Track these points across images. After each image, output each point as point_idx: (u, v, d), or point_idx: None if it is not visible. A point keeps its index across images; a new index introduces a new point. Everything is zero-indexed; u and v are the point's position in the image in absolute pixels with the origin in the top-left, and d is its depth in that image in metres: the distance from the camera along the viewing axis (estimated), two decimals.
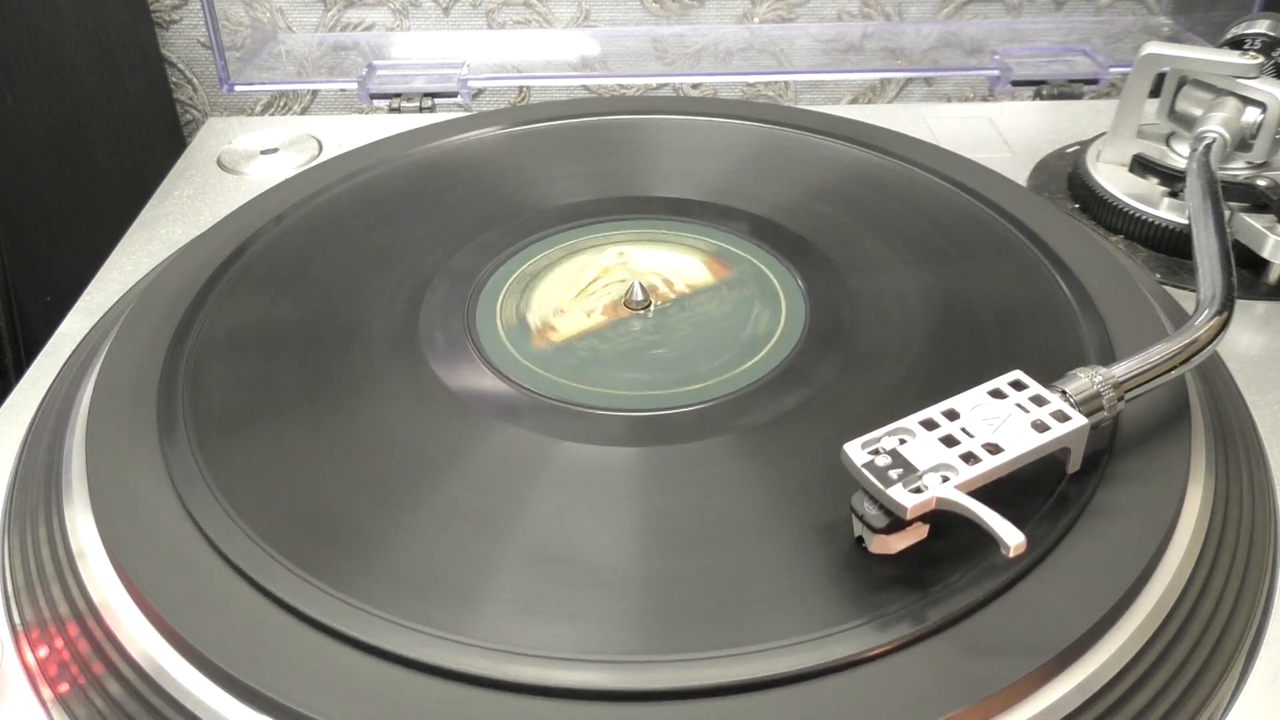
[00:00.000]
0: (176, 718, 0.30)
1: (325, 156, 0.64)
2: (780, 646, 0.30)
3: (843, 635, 0.30)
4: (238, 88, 0.76)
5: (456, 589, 0.32)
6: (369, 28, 0.85)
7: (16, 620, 0.35)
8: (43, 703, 0.33)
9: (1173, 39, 0.78)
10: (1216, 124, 0.51)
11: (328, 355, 0.42)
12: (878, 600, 0.31)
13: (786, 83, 0.88)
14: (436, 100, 0.72)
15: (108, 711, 0.31)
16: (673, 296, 0.46)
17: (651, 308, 0.45)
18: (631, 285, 0.46)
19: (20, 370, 0.50)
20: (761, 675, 0.29)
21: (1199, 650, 0.32)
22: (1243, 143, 0.52)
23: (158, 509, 0.35)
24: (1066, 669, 0.30)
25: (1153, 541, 0.33)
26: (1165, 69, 0.55)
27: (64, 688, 0.33)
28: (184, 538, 0.34)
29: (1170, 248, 0.53)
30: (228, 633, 0.31)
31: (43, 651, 0.34)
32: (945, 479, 0.31)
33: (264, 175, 0.62)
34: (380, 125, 0.66)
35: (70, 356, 0.47)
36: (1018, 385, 0.35)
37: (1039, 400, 0.34)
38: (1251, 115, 0.52)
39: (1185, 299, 0.48)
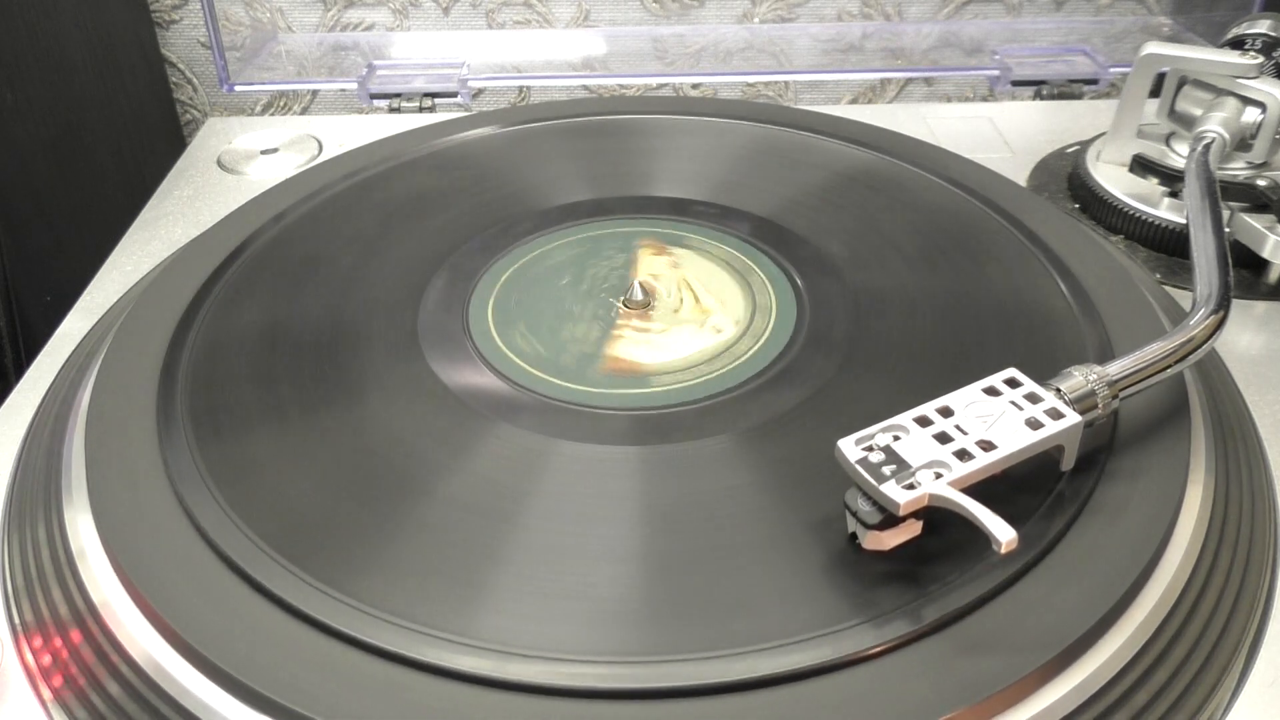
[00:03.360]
0: (176, 718, 0.30)
1: (325, 156, 0.64)
2: (780, 645, 0.30)
3: (842, 634, 0.30)
4: (238, 88, 0.76)
5: (456, 588, 0.32)
6: (369, 28, 0.85)
7: (16, 620, 0.35)
8: (43, 703, 0.33)
9: (1173, 39, 0.78)
10: (1216, 124, 0.51)
11: (327, 355, 0.42)
12: (877, 599, 0.31)
13: (786, 83, 0.88)
14: (436, 100, 0.72)
15: (108, 711, 0.31)
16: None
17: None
18: (631, 285, 0.46)
19: (20, 370, 0.50)
20: (761, 674, 0.29)
21: (1199, 650, 0.32)
22: (1242, 143, 0.52)
23: (158, 509, 0.35)
24: (1066, 669, 0.30)
25: (1153, 541, 0.33)
26: (1165, 69, 0.55)
27: (64, 688, 0.33)
28: (184, 538, 0.34)
29: (1170, 248, 0.53)
30: (228, 633, 0.31)
31: (43, 652, 0.34)
32: (938, 475, 0.31)
33: (264, 175, 0.62)
34: (380, 125, 0.66)
35: (70, 356, 0.47)
36: (1012, 383, 0.35)
37: (1033, 398, 0.34)
38: (1251, 115, 0.52)
39: (1185, 299, 0.48)
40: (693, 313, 0.45)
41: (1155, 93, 0.56)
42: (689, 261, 0.48)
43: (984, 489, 0.31)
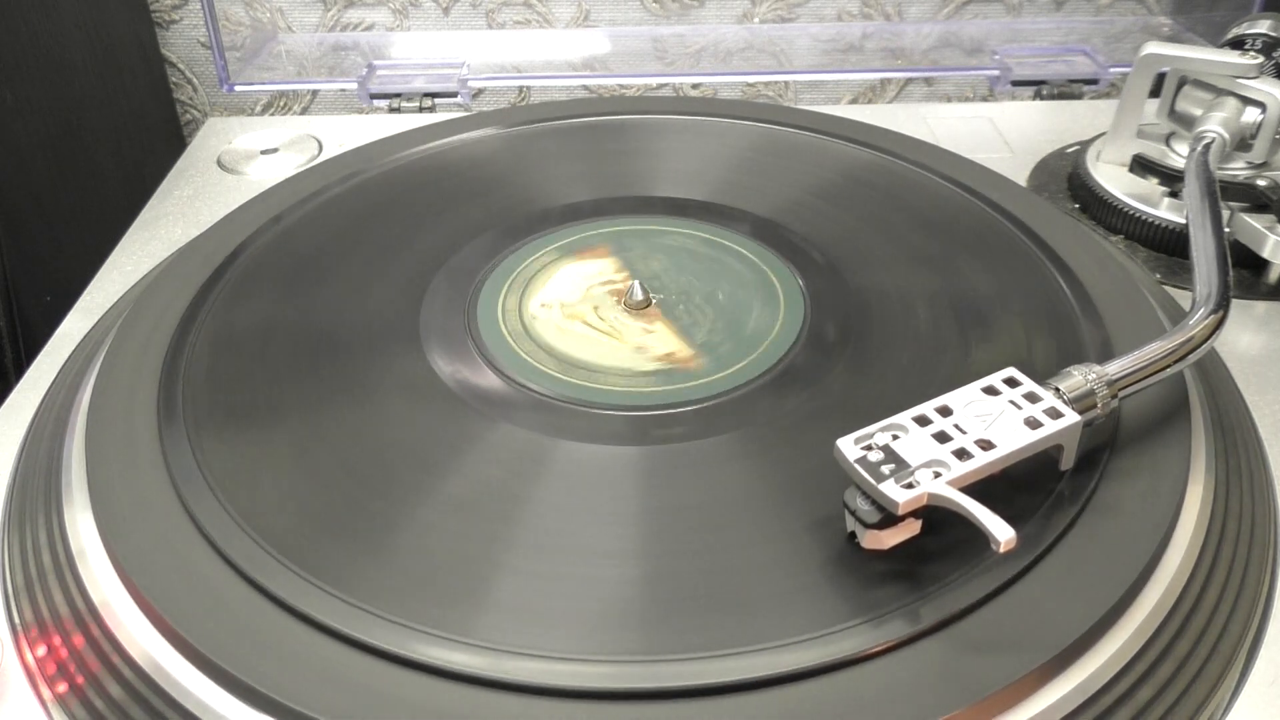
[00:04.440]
0: (176, 718, 0.30)
1: (325, 156, 0.64)
2: (780, 645, 0.30)
3: (842, 634, 0.30)
4: (238, 88, 0.76)
5: (456, 588, 0.32)
6: (369, 28, 0.85)
7: (16, 620, 0.35)
8: (43, 703, 0.33)
9: (1173, 39, 0.78)
10: (1216, 124, 0.51)
11: (328, 355, 0.42)
12: (878, 599, 0.31)
13: (786, 83, 0.88)
14: (436, 100, 0.72)
15: (108, 711, 0.31)
16: (672, 296, 0.46)
17: (651, 307, 0.45)
18: (631, 285, 0.46)
19: (20, 370, 0.50)
20: (761, 674, 0.29)
21: (1199, 650, 0.32)
22: (1242, 143, 0.52)
23: (158, 509, 0.35)
24: (1066, 669, 0.30)
25: (1153, 541, 0.33)
26: (1165, 69, 0.55)
27: (64, 688, 0.33)
28: (184, 538, 0.34)
29: (1170, 248, 0.53)
30: (228, 633, 0.31)
31: (42, 651, 0.34)
32: (937, 475, 0.31)
33: (264, 175, 0.62)
34: (380, 125, 0.66)
35: (70, 356, 0.47)
36: (1011, 382, 0.35)
37: (1032, 397, 0.34)
38: (1251, 115, 0.52)
39: (1185, 299, 0.48)
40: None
41: (1155, 93, 0.56)
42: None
43: (984, 488, 0.32)
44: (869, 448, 0.32)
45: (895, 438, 0.33)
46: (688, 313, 0.45)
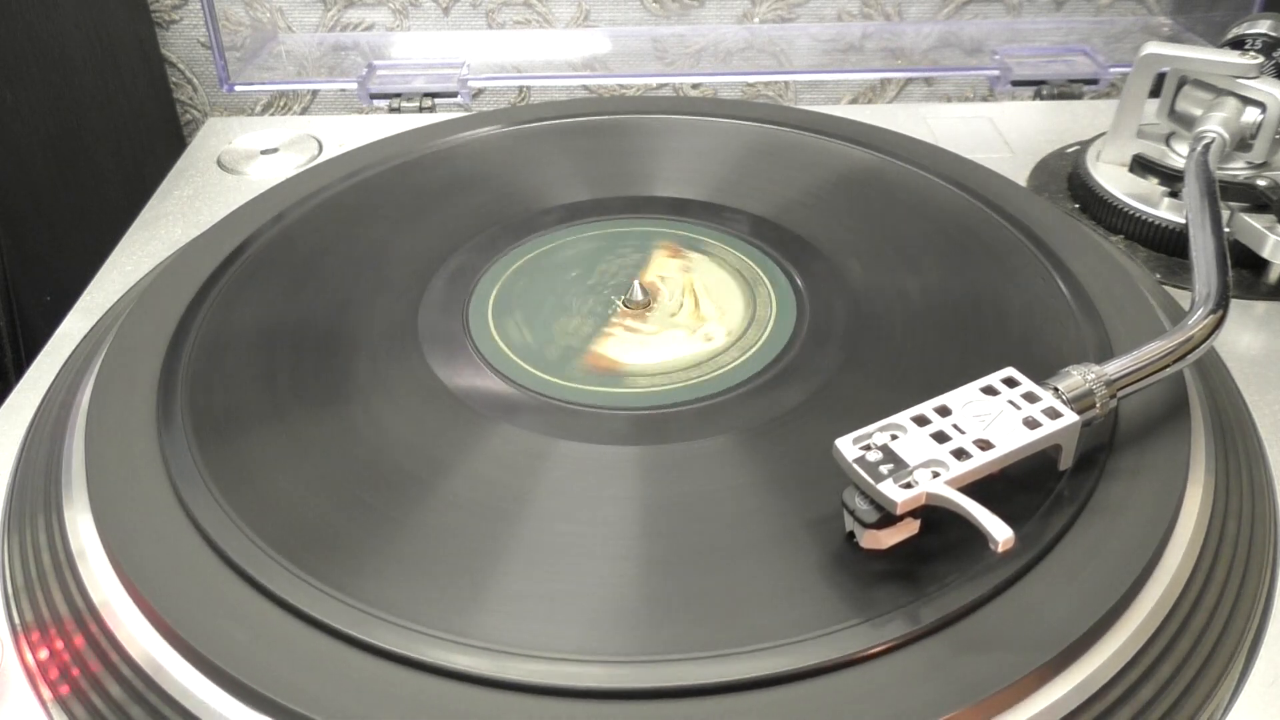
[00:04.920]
0: (176, 718, 0.30)
1: (325, 156, 0.64)
2: (780, 645, 0.30)
3: (841, 634, 0.30)
4: (238, 88, 0.76)
5: (456, 588, 0.32)
6: (369, 28, 0.85)
7: (16, 620, 0.35)
8: (43, 703, 0.33)
9: (1173, 39, 0.78)
10: (1216, 124, 0.51)
11: (327, 355, 0.42)
12: (877, 599, 0.31)
13: (786, 83, 0.88)
14: (436, 100, 0.72)
15: (108, 711, 0.31)
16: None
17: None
18: (631, 285, 0.46)
19: (20, 370, 0.50)
20: (761, 674, 0.29)
21: (1199, 650, 0.32)
22: (1242, 143, 0.52)
23: (158, 509, 0.35)
24: (1066, 669, 0.30)
25: (1153, 541, 0.33)
26: (1165, 69, 0.55)
27: (64, 688, 0.33)
28: (184, 538, 0.34)
29: (1170, 248, 0.53)
30: (228, 633, 0.31)
31: (42, 652, 0.34)
32: (936, 474, 0.31)
33: (264, 175, 0.62)
34: (380, 125, 0.66)
35: (70, 356, 0.47)
36: (1010, 382, 0.35)
37: (1031, 397, 0.34)
38: (1251, 115, 0.52)
39: (1185, 299, 0.48)
40: (689, 318, 0.45)
41: (1155, 93, 0.56)
42: (701, 267, 0.48)
43: (983, 488, 0.32)
44: (867, 447, 0.32)
45: (894, 437, 0.33)
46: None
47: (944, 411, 0.34)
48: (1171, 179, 0.54)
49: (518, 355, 0.42)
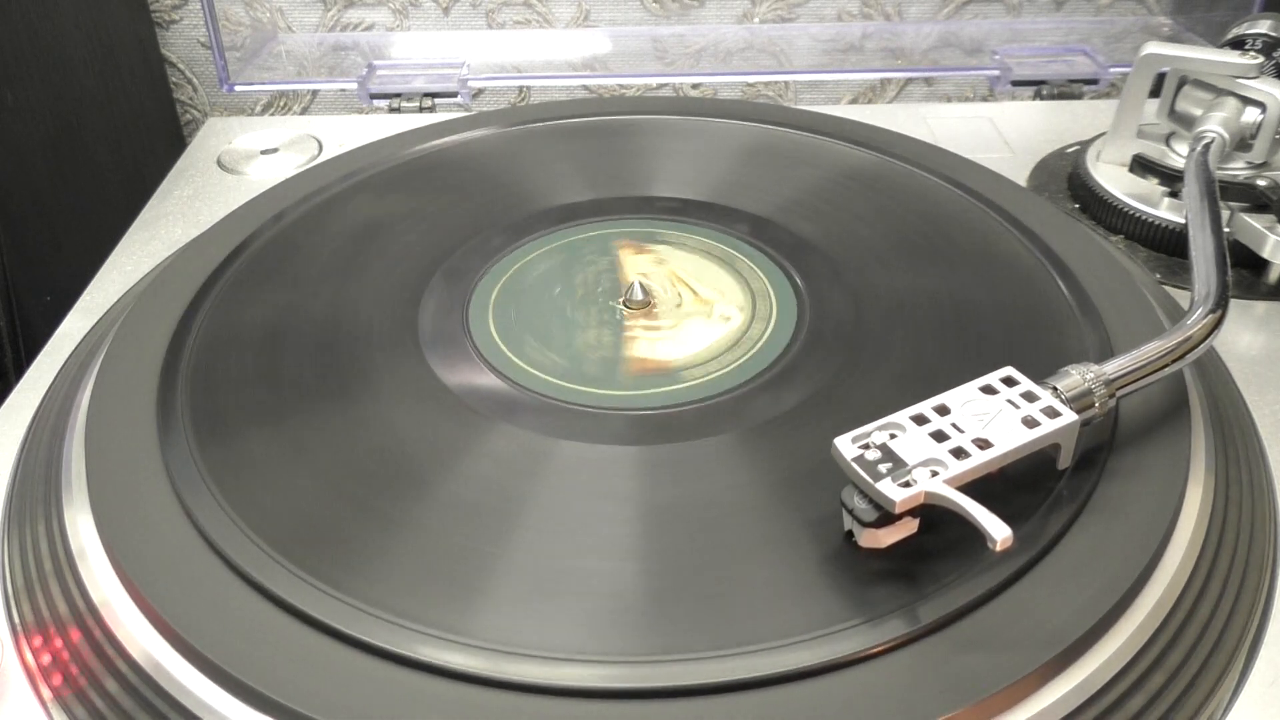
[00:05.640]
0: (176, 718, 0.30)
1: (325, 156, 0.64)
2: (780, 645, 0.30)
3: (841, 634, 0.30)
4: (238, 88, 0.76)
5: (456, 588, 0.32)
6: (369, 28, 0.85)
7: (16, 620, 0.35)
8: (43, 703, 0.33)
9: (1173, 39, 0.78)
10: (1216, 124, 0.51)
11: (327, 355, 0.42)
12: (877, 599, 0.31)
13: (786, 83, 0.88)
14: (436, 100, 0.72)
15: (108, 711, 0.31)
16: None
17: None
18: (631, 285, 0.46)
19: (20, 370, 0.50)
20: (760, 674, 0.29)
21: (1199, 650, 0.32)
22: (1242, 143, 0.52)
23: (158, 509, 0.35)
24: (1066, 669, 0.30)
25: (1153, 541, 0.33)
26: (1165, 69, 0.55)
27: (64, 688, 0.33)
28: (184, 538, 0.34)
29: (1170, 248, 0.53)
30: (228, 633, 0.31)
31: (43, 652, 0.34)
32: (934, 474, 0.31)
33: (264, 175, 0.62)
34: (380, 125, 0.66)
35: (70, 356, 0.47)
36: (1009, 381, 0.35)
37: (1030, 396, 0.34)
38: (1251, 115, 0.52)
39: (1185, 299, 0.48)
40: (696, 305, 0.45)
41: (1155, 93, 0.56)
42: (671, 257, 0.48)
43: (982, 488, 0.32)
44: (866, 446, 0.32)
45: (893, 436, 0.33)
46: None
47: (943, 410, 0.34)
48: (1171, 179, 0.54)
49: (559, 378, 0.41)
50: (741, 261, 0.47)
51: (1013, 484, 0.34)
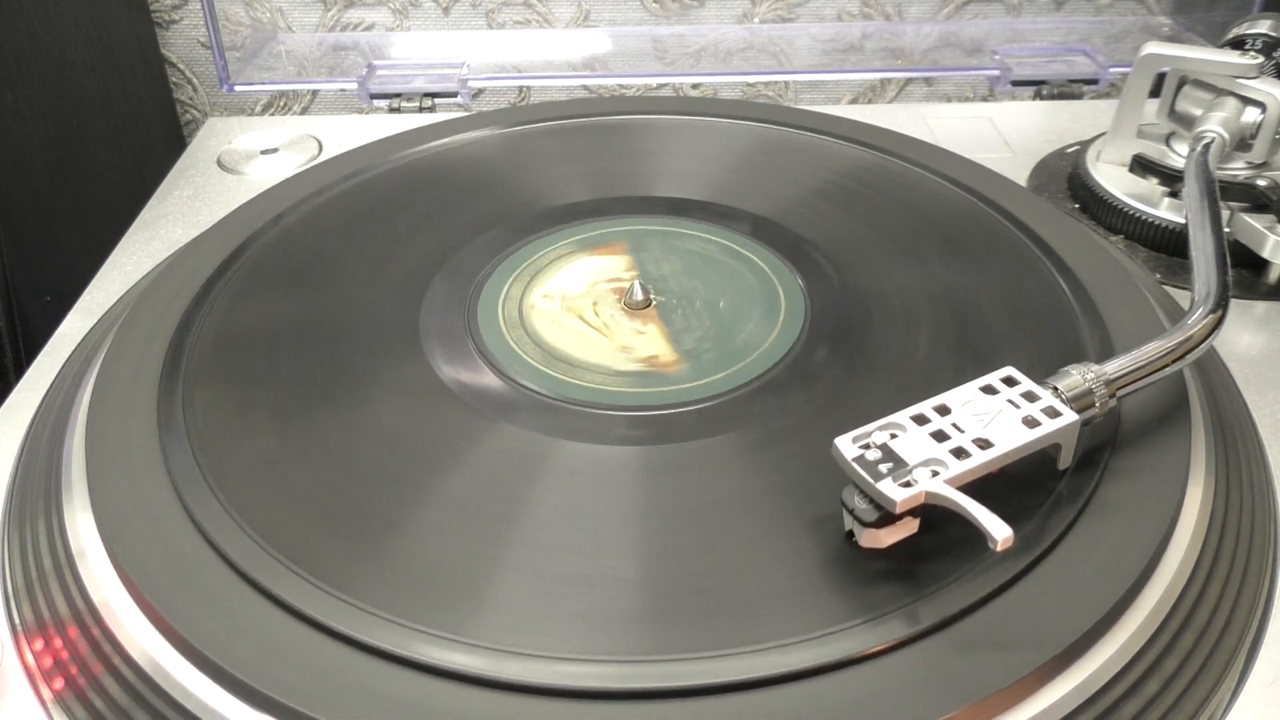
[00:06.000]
0: (176, 718, 0.30)
1: (325, 156, 0.64)
2: (780, 645, 0.30)
3: (842, 634, 0.30)
4: (238, 88, 0.76)
5: (457, 588, 0.32)
6: (369, 28, 0.85)
7: (16, 620, 0.35)
8: (43, 703, 0.33)
9: (1173, 39, 0.78)
10: (1216, 124, 0.51)
11: (328, 355, 0.42)
12: (877, 599, 0.31)
13: (786, 83, 0.88)
14: (436, 100, 0.72)
15: (108, 711, 0.31)
16: (673, 296, 0.46)
17: (652, 307, 0.45)
18: (631, 285, 0.46)
19: (20, 370, 0.50)
20: (760, 674, 0.29)
21: (1199, 650, 0.32)
22: (1242, 143, 0.52)
23: (158, 509, 0.35)
24: (1066, 669, 0.30)
25: (1153, 541, 0.33)
26: (1165, 69, 0.55)
27: (64, 688, 0.33)
28: (184, 538, 0.34)
29: (1170, 248, 0.53)
30: (228, 633, 0.31)
31: (43, 652, 0.34)
32: (935, 474, 0.31)
33: (264, 175, 0.62)
34: (380, 125, 0.66)
35: (70, 356, 0.47)
36: (1009, 381, 0.35)
37: (1030, 396, 0.34)
38: (1251, 115, 0.52)
39: (1185, 299, 0.48)
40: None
41: (1155, 93, 0.56)
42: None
43: (983, 488, 0.32)
44: (867, 446, 0.32)
45: (893, 436, 0.33)
46: (683, 317, 0.45)
47: (943, 410, 0.34)
48: (1171, 179, 0.54)
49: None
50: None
51: (1013, 484, 0.34)
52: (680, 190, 0.53)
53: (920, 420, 0.33)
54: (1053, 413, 0.34)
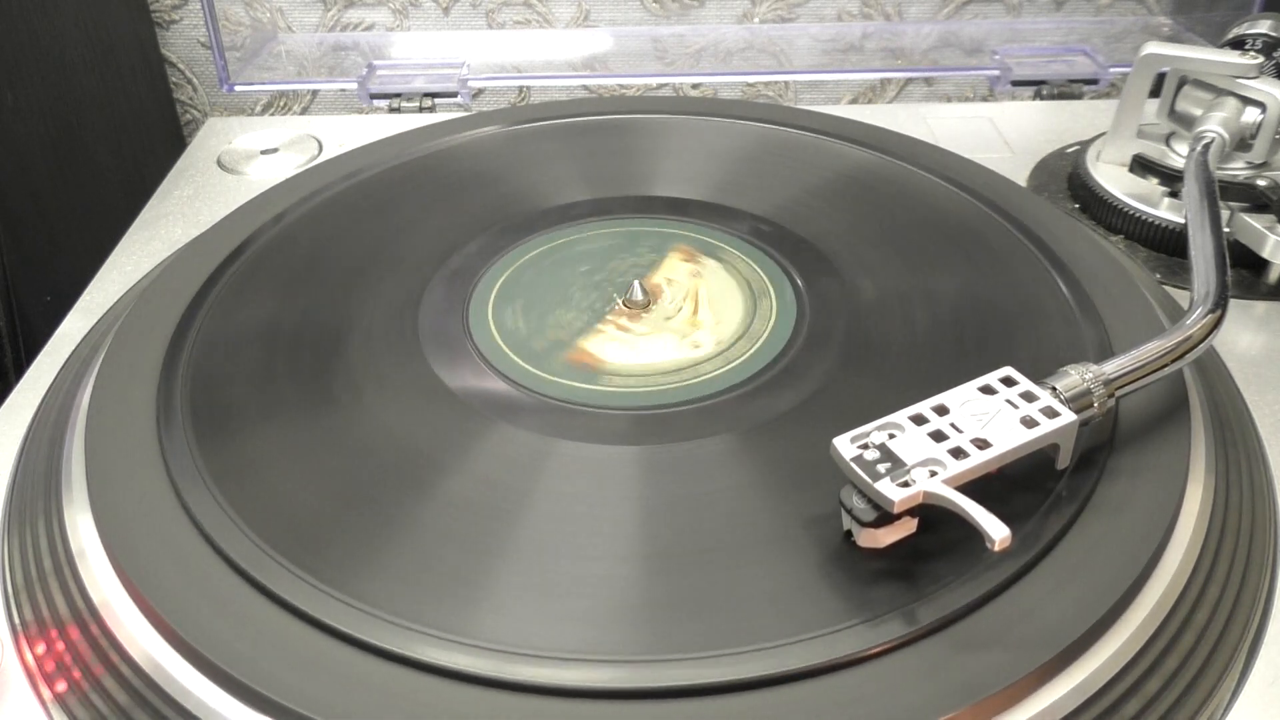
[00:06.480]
0: (176, 718, 0.30)
1: (325, 156, 0.64)
2: (777, 645, 0.30)
3: (841, 634, 0.30)
4: (238, 88, 0.76)
5: (456, 588, 0.32)
6: (369, 28, 0.85)
7: (16, 620, 0.35)
8: (43, 703, 0.33)
9: (1173, 39, 0.78)
10: (1216, 124, 0.51)
11: (327, 355, 0.42)
12: (876, 599, 0.31)
13: (786, 83, 0.88)
14: (436, 100, 0.72)
15: (108, 711, 0.32)
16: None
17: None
18: (631, 285, 0.46)
19: (20, 370, 0.50)
20: (759, 674, 0.29)
21: (1199, 650, 0.32)
22: (1242, 143, 0.52)
23: (158, 509, 0.35)
24: (1066, 669, 0.30)
25: (1153, 541, 0.33)
26: (1165, 69, 0.55)
27: (63, 688, 0.33)
28: (184, 538, 0.34)
29: (1170, 248, 0.53)
30: (228, 633, 0.31)
31: (42, 651, 0.34)
32: (933, 474, 0.31)
33: (264, 175, 0.62)
34: (380, 125, 0.66)
35: (70, 356, 0.47)
36: (1008, 381, 0.35)
37: (1029, 396, 0.34)
38: (1251, 115, 0.52)
39: (1185, 299, 0.48)
40: (683, 324, 0.44)
41: (1155, 93, 0.56)
42: (712, 274, 0.47)
43: (982, 488, 0.32)
44: (865, 446, 0.32)
45: (891, 436, 0.33)
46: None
47: (942, 410, 0.34)
48: (1171, 179, 0.54)
49: (505, 342, 0.43)
50: (768, 299, 0.45)
51: (1012, 484, 0.34)
52: (680, 190, 0.53)
53: (918, 420, 0.33)
54: (1051, 413, 0.34)
